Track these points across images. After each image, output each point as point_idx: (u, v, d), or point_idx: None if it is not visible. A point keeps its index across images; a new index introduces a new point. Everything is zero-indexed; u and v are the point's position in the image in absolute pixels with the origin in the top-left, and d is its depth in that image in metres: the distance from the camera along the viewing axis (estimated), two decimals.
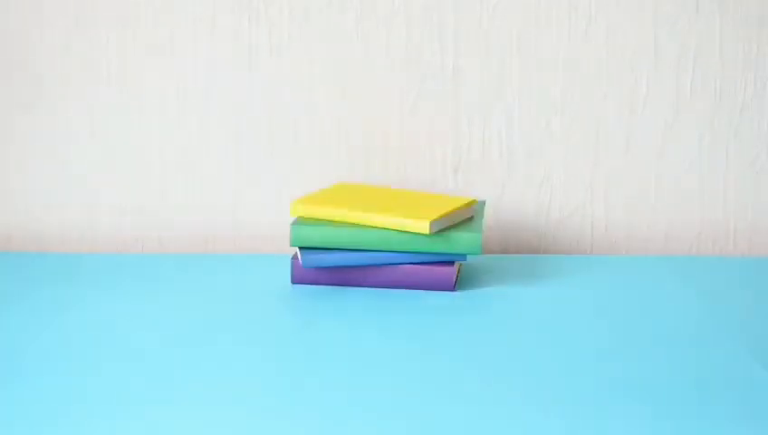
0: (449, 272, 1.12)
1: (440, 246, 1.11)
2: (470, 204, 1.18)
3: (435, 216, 1.11)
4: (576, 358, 0.92)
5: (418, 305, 1.07)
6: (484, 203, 1.25)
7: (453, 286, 1.12)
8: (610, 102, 1.30)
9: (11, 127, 1.33)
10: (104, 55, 1.31)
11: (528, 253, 1.33)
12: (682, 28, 1.28)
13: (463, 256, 1.12)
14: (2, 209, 1.35)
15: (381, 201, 1.16)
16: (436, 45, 1.29)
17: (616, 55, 1.29)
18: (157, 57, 1.31)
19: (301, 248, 1.14)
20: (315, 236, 1.12)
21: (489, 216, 1.32)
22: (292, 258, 1.15)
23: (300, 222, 1.14)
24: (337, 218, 1.14)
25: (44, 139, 1.33)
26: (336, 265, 1.13)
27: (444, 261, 1.13)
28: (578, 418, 0.79)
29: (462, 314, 1.04)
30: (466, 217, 1.17)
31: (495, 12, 1.28)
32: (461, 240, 1.11)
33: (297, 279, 1.15)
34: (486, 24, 1.28)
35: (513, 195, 1.32)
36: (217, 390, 0.84)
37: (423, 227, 1.09)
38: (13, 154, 1.34)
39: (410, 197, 1.19)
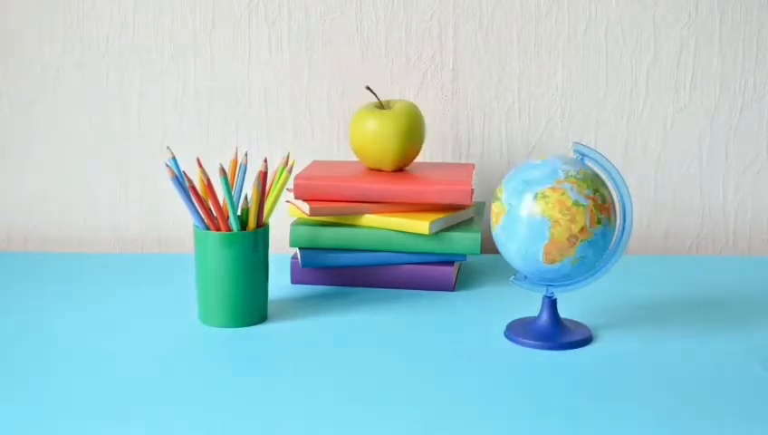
0: (449, 272, 1.12)
1: (440, 246, 1.11)
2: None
3: (434, 216, 1.11)
4: (576, 357, 0.92)
5: (418, 305, 1.07)
6: (483, 204, 1.25)
7: (453, 286, 1.12)
8: (610, 102, 1.30)
9: (11, 127, 1.33)
10: (104, 55, 1.31)
11: None
12: (682, 28, 1.28)
13: (463, 256, 1.12)
14: (2, 209, 1.36)
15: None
16: (437, 45, 1.29)
17: (616, 55, 1.29)
18: (156, 57, 1.31)
19: (300, 249, 1.14)
20: (315, 236, 1.12)
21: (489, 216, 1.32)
22: (292, 258, 1.15)
23: (299, 222, 1.14)
24: (337, 219, 1.14)
25: (44, 139, 1.33)
26: (335, 266, 1.13)
27: (444, 261, 1.13)
28: (576, 417, 0.79)
29: (462, 314, 1.04)
30: (466, 217, 1.17)
31: (495, 11, 1.28)
32: (461, 240, 1.11)
33: (297, 279, 1.15)
34: (486, 24, 1.29)
35: None
36: (217, 389, 0.84)
37: (423, 227, 1.09)
38: (13, 154, 1.34)
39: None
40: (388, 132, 1.15)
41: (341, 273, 1.14)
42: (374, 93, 1.18)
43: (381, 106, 1.18)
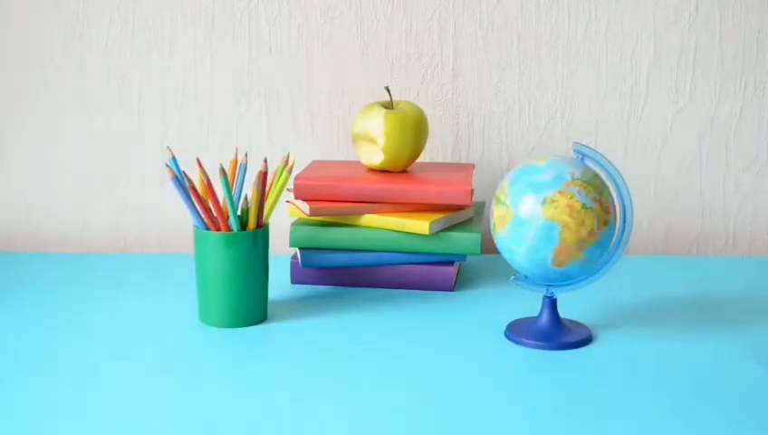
0: (449, 272, 1.12)
1: (440, 246, 1.11)
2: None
3: (434, 216, 1.11)
4: (576, 357, 0.92)
5: (418, 305, 1.07)
6: (483, 204, 1.25)
7: (453, 286, 1.12)
8: (610, 102, 1.30)
9: (11, 127, 1.33)
10: (104, 55, 1.31)
11: None
12: (682, 28, 1.28)
13: (463, 257, 1.12)
14: (2, 209, 1.36)
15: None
16: (437, 45, 1.29)
17: (616, 55, 1.29)
18: (156, 57, 1.31)
19: (300, 249, 1.14)
20: (315, 236, 1.12)
21: (488, 216, 1.32)
22: (292, 259, 1.15)
23: (299, 222, 1.14)
24: (337, 219, 1.14)
25: (44, 139, 1.33)
26: (335, 266, 1.13)
27: (444, 261, 1.13)
28: (577, 416, 0.79)
29: (462, 314, 1.04)
30: (466, 217, 1.17)
31: (495, 11, 1.28)
32: (461, 240, 1.11)
33: (297, 279, 1.15)
34: (486, 24, 1.29)
35: None
36: (217, 389, 0.84)
37: (423, 227, 1.09)
38: (13, 154, 1.34)
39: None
40: (400, 134, 1.15)
41: (341, 273, 1.14)
42: (390, 94, 1.18)
43: (387, 106, 1.18)
